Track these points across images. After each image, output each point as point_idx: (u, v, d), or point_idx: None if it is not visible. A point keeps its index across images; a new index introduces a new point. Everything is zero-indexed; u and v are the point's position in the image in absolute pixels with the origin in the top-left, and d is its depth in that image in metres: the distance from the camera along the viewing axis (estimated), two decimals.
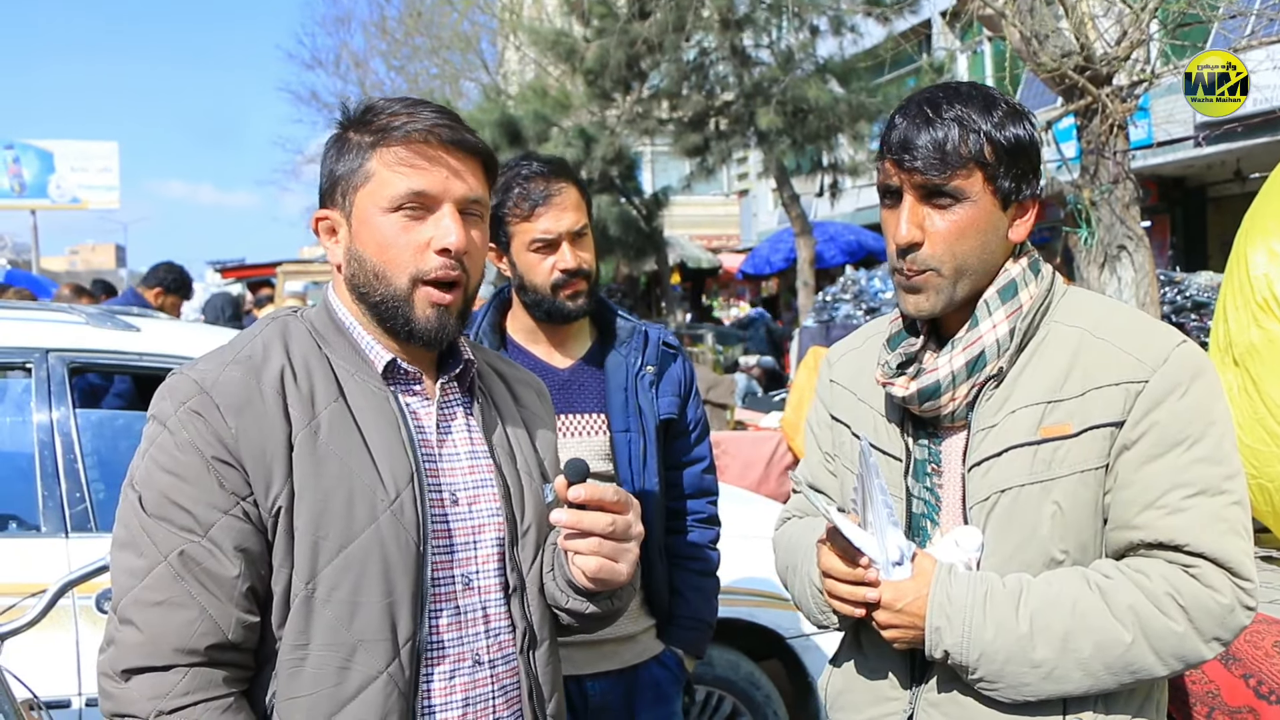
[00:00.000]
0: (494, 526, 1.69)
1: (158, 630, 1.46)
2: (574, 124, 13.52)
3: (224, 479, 1.49)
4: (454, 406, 1.73)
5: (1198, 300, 6.74)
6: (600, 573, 1.59)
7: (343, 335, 1.66)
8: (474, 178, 1.64)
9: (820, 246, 15.79)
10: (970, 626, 1.61)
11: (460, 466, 1.68)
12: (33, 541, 3.07)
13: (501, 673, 1.67)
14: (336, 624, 1.51)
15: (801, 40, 13.45)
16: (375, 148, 1.60)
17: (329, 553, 1.52)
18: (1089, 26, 5.32)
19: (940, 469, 1.75)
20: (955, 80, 1.72)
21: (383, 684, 1.53)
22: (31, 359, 3.24)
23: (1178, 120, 12.65)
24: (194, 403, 1.51)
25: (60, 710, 2.85)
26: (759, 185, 25.32)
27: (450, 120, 1.62)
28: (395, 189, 1.58)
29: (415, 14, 26.64)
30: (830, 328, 10.70)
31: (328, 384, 1.59)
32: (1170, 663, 1.59)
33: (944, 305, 1.70)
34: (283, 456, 1.52)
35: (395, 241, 1.59)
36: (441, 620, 1.61)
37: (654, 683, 2.62)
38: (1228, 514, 1.59)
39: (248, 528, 1.50)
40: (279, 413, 1.53)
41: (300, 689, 1.51)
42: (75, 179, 29.29)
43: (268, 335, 1.63)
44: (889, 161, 1.68)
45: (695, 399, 2.72)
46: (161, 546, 1.47)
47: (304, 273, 13.68)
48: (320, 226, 1.67)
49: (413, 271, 1.60)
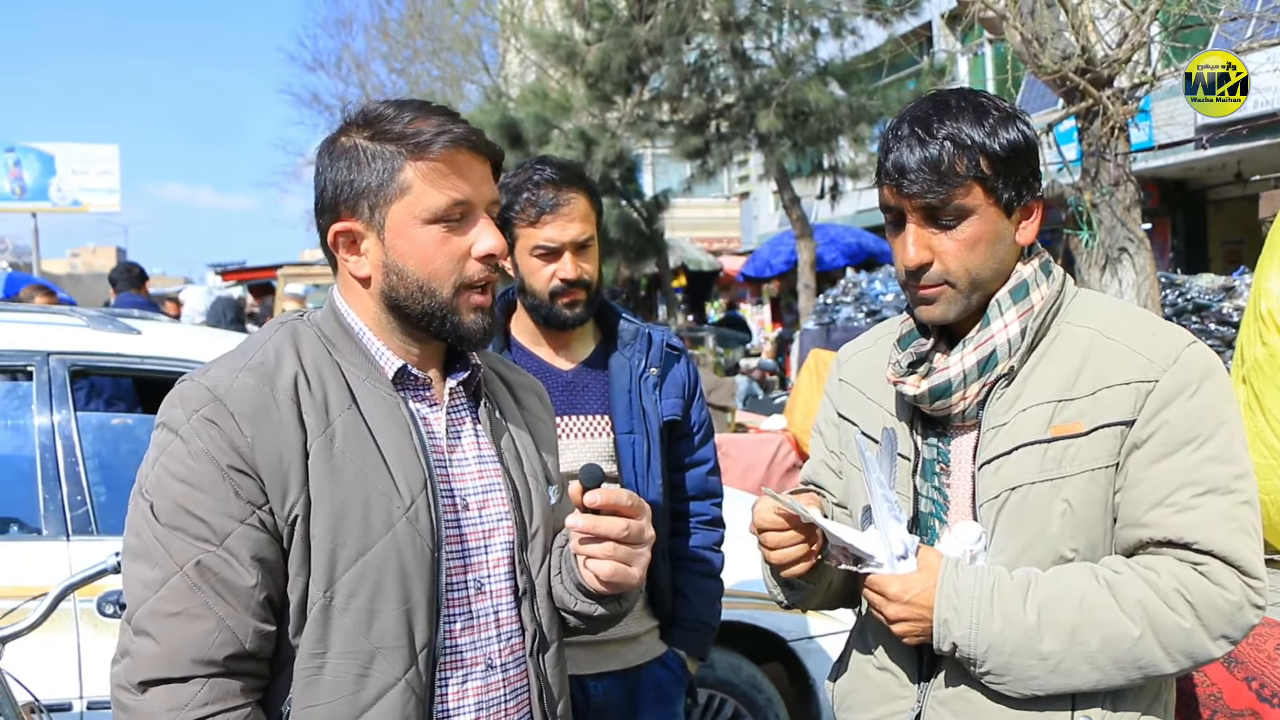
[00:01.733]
0: (504, 530, 1.69)
1: (175, 641, 1.45)
2: (575, 126, 13.51)
3: (240, 488, 1.47)
4: (462, 412, 1.73)
5: (1199, 303, 6.74)
6: (614, 577, 1.60)
7: (352, 341, 1.65)
8: (492, 180, 1.66)
9: (821, 249, 15.78)
10: (978, 618, 1.60)
11: (470, 471, 1.68)
12: (34, 544, 3.07)
13: (513, 676, 1.68)
14: (354, 632, 1.51)
15: (802, 43, 13.44)
16: (409, 160, 1.57)
17: (346, 560, 1.51)
18: (1090, 29, 5.33)
19: (949, 468, 1.75)
20: (946, 91, 1.72)
21: (400, 691, 1.52)
22: (33, 362, 3.24)
23: (1179, 122, 12.65)
24: (207, 410, 1.49)
25: (61, 714, 2.84)
26: (760, 188, 25.32)
27: (468, 125, 1.62)
28: (438, 201, 1.58)
29: (416, 16, 26.67)
30: (831, 330, 10.70)
31: (340, 391, 1.58)
32: (1178, 659, 1.59)
33: (959, 313, 1.70)
34: (299, 464, 1.50)
35: (439, 253, 1.59)
36: (456, 625, 1.61)
37: (656, 683, 2.62)
38: (1237, 513, 1.60)
39: (264, 536, 1.48)
40: (294, 420, 1.52)
41: (318, 697, 1.50)
42: (76, 182, 29.27)
43: (278, 340, 1.62)
44: (887, 187, 1.68)
45: (699, 401, 2.72)
46: (177, 557, 1.46)
47: (305, 275, 13.67)
48: (339, 239, 1.63)
49: (456, 280, 1.60)
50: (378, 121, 1.60)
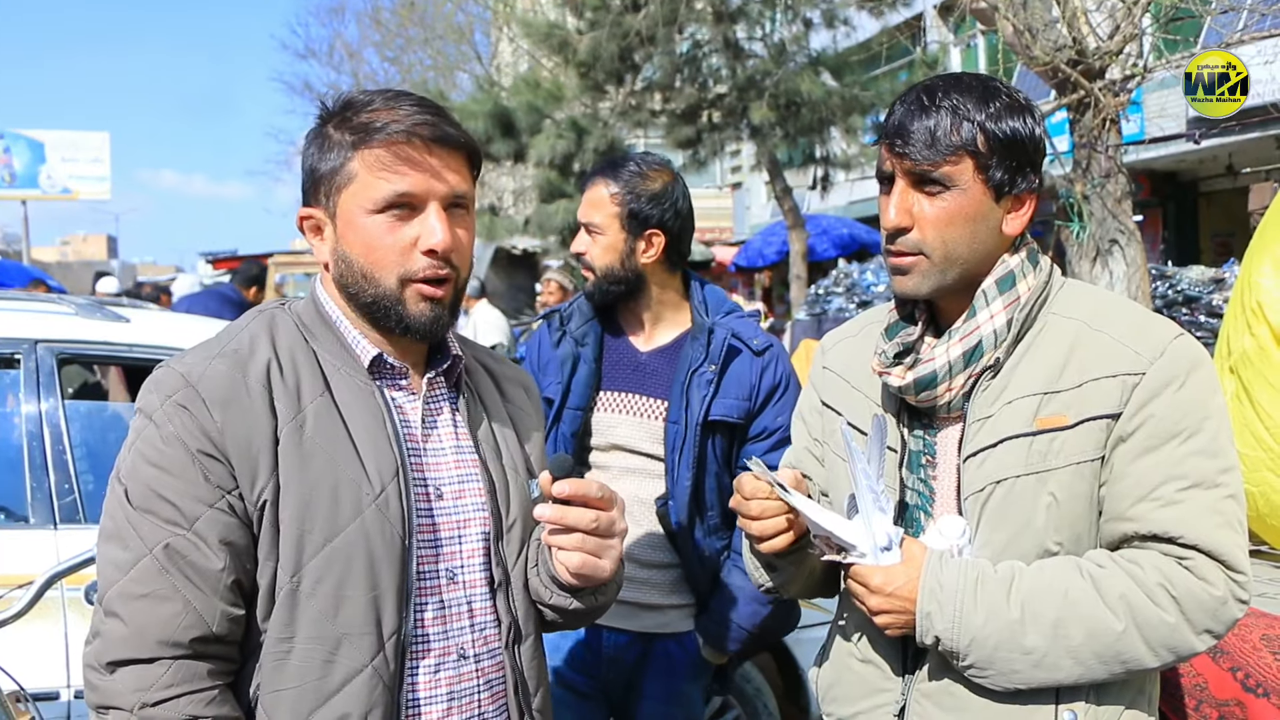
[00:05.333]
0: (479, 521, 1.69)
1: (142, 623, 1.46)
2: (567, 116, 13.50)
3: (209, 472, 1.49)
4: (440, 401, 1.73)
5: (1189, 294, 6.75)
6: (583, 569, 1.60)
7: (329, 329, 1.66)
8: (457, 173, 1.62)
9: (813, 240, 15.79)
10: (961, 612, 1.60)
11: (446, 461, 1.69)
12: (21, 533, 3.06)
13: (487, 667, 1.68)
14: (321, 617, 1.52)
15: (795, 33, 13.43)
16: (357, 148, 1.57)
17: (314, 546, 1.52)
18: (1082, 21, 5.33)
19: (935, 460, 1.75)
20: (964, 72, 1.73)
21: (367, 677, 1.53)
22: (20, 350, 3.23)
23: (1170, 115, 12.68)
24: (180, 396, 1.51)
25: (48, 702, 2.84)
26: (752, 178, 25.30)
27: (432, 115, 1.59)
28: (379, 192, 1.57)
29: (409, 5, 26.54)
30: (822, 321, 10.72)
31: (314, 378, 1.59)
32: (1161, 654, 1.59)
33: (932, 288, 1.69)
34: (268, 450, 1.51)
35: (381, 243, 1.58)
36: (426, 614, 1.62)
37: (666, 656, 2.68)
38: (1222, 507, 1.59)
39: (233, 521, 1.50)
40: (265, 407, 1.53)
41: (285, 682, 1.51)
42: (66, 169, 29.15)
43: (255, 328, 1.63)
44: (884, 146, 1.69)
45: (777, 406, 2.65)
46: (146, 539, 1.48)
47: (296, 264, 13.63)
48: (305, 225, 1.66)
49: (400, 272, 1.59)
50: (344, 110, 1.62)
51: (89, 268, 26.57)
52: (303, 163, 1.66)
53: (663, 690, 2.68)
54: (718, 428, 2.62)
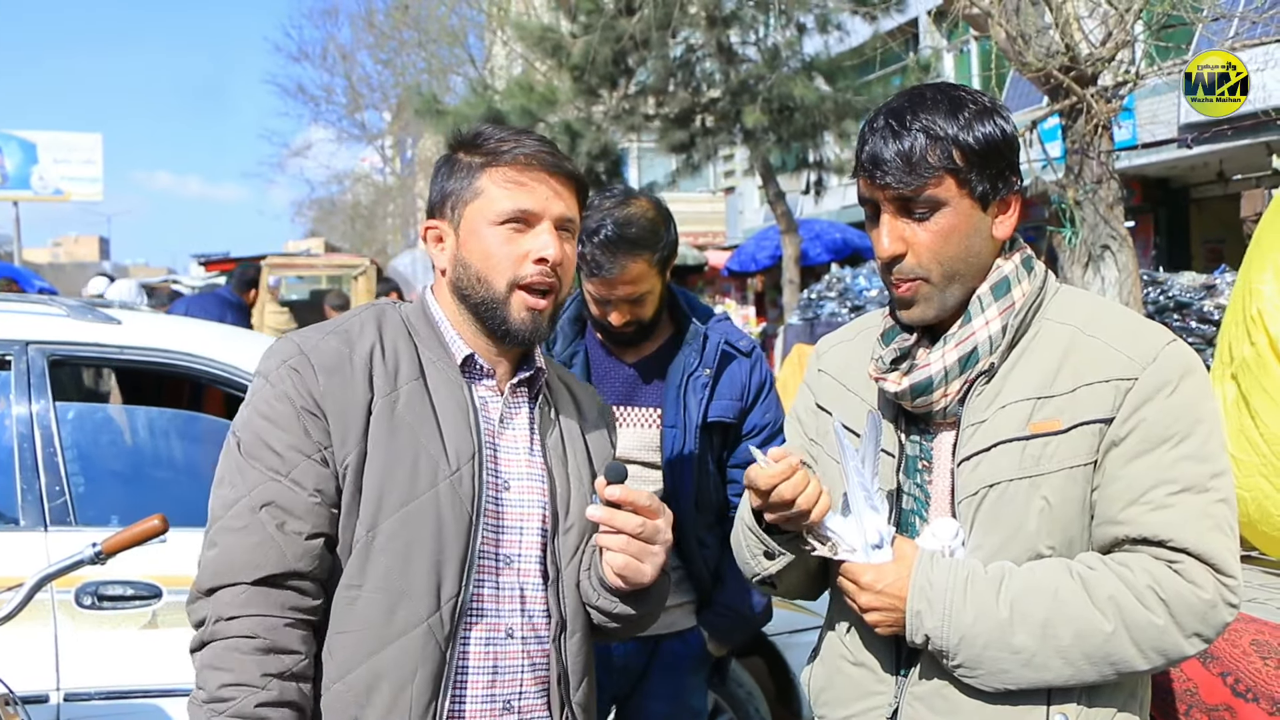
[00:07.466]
0: (539, 517, 1.84)
1: (233, 553, 1.65)
2: (560, 119, 13.49)
3: (310, 428, 1.69)
4: (519, 405, 1.90)
5: (1180, 300, 6.76)
6: (625, 570, 1.74)
7: (431, 329, 1.85)
8: (569, 200, 1.83)
9: (806, 244, 15.79)
10: (951, 610, 1.61)
11: (517, 459, 1.85)
12: (10, 535, 3.05)
13: (533, 650, 1.81)
14: (389, 571, 1.69)
15: (788, 38, 13.43)
16: (485, 168, 1.80)
17: (391, 507, 1.70)
18: (1074, 27, 5.35)
19: (931, 465, 1.76)
20: (924, 85, 1.74)
21: (422, 633, 1.69)
22: (11, 351, 3.21)
23: (1162, 121, 12.72)
24: (293, 361, 1.73)
25: (37, 706, 2.82)
26: (745, 182, 25.31)
27: (551, 148, 1.83)
28: (502, 205, 1.78)
29: (403, 7, 26.58)
30: (815, 325, 10.73)
31: (411, 365, 1.79)
32: (1151, 656, 1.59)
33: (938, 312, 1.71)
34: (360, 419, 1.71)
35: (498, 251, 1.78)
36: (484, 590, 1.77)
37: (671, 654, 2.77)
38: (1213, 511, 1.60)
39: (325, 472, 1.69)
40: (364, 381, 1.73)
41: (350, 625, 1.69)
42: (58, 170, 29.14)
43: (365, 317, 1.84)
44: (862, 178, 1.70)
45: (765, 404, 2.78)
46: (249, 481, 1.68)
47: (290, 266, 13.61)
48: (429, 235, 1.88)
49: (511, 277, 1.78)
50: (475, 138, 1.84)
51: (81, 269, 26.53)
52: (432, 185, 1.88)
53: (669, 688, 2.75)
54: (713, 429, 2.70)
